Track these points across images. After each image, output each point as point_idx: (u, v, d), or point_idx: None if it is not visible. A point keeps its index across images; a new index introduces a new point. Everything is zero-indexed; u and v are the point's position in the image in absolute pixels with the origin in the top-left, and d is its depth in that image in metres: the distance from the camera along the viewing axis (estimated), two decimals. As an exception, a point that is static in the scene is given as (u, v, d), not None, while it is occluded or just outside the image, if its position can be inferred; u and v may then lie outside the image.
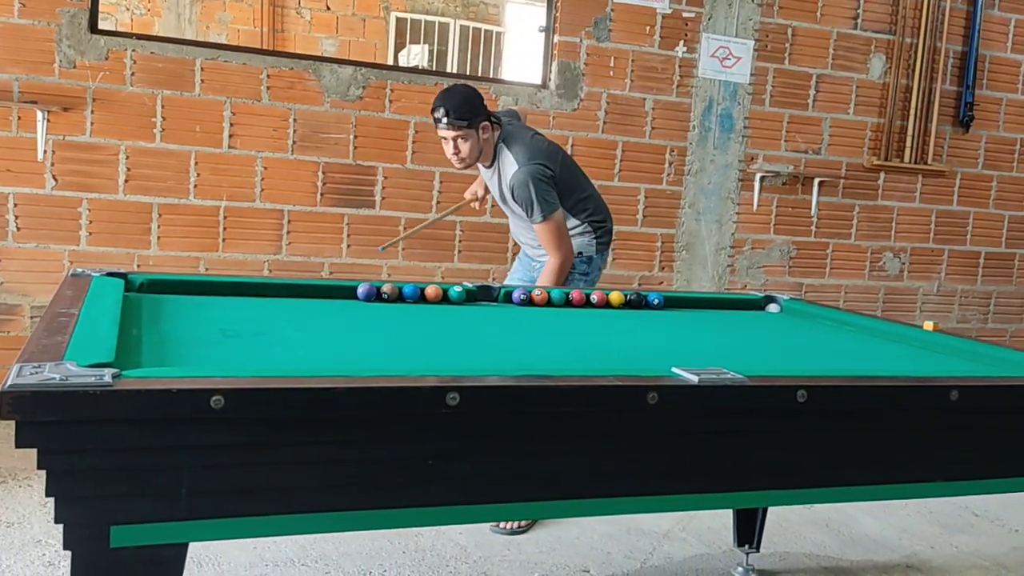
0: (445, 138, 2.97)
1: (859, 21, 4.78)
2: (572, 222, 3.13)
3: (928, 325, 2.22)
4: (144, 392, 1.13)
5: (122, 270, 2.19)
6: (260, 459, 1.22)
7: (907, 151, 4.90)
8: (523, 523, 2.90)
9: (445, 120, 2.90)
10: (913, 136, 4.90)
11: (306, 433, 1.23)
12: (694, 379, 1.42)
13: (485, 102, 3.00)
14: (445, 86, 4.20)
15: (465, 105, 2.92)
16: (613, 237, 3.30)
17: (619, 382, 1.37)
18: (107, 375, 1.14)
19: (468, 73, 5.92)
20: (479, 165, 3.11)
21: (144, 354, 1.45)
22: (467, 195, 3.50)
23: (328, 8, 6.10)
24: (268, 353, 1.59)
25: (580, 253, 3.14)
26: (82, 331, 1.43)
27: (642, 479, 1.46)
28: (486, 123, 2.97)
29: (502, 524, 2.87)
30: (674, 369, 1.47)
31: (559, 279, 3.02)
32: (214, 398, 1.13)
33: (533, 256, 3.28)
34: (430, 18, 6.24)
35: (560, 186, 3.04)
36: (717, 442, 1.49)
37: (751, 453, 1.52)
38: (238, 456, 1.21)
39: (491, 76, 5.97)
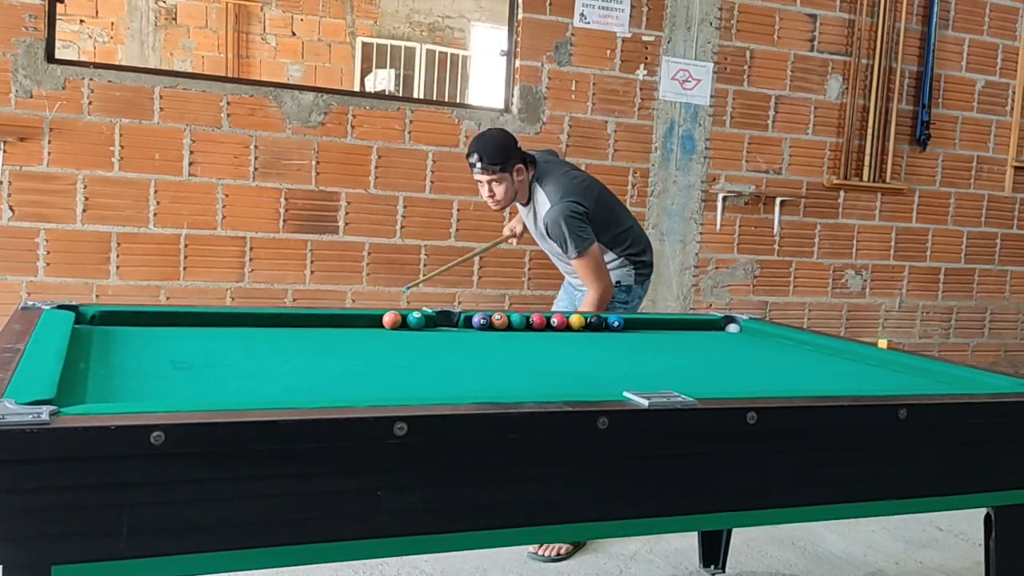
0: (480, 181, 3.03)
1: (815, 43, 4.85)
2: (609, 255, 3.15)
3: (882, 343, 2.25)
4: (82, 430, 1.11)
5: (73, 302, 2.16)
6: (204, 495, 1.20)
7: (866, 170, 4.97)
8: (563, 549, 2.84)
9: (479, 165, 2.97)
10: (871, 155, 4.97)
11: (251, 467, 1.21)
12: (644, 403, 1.42)
13: (519, 144, 3.05)
14: (408, 109, 4.24)
15: (498, 150, 2.97)
16: (653, 268, 3.33)
17: (569, 408, 1.37)
18: (44, 413, 1.12)
19: (435, 97, 5.95)
20: (517, 204, 3.14)
21: (89, 389, 1.42)
22: (505, 231, 3.54)
23: (294, 34, 6.10)
24: (218, 386, 1.57)
25: (619, 283, 3.17)
26: (25, 367, 1.41)
27: (599, 504, 1.45)
28: (520, 165, 3.02)
29: (541, 551, 2.83)
30: (626, 393, 1.47)
31: (599, 311, 3.03)
32: (154, 434, 1.12)
33: (576, 285, 3.32)
34: (396, 43, 6.25)
35: (596, 221, 3.07)
36: (672, 465, 1.49)
37: (707, 475, 1.52)
38: (181, 492, 1.18)
39: (457, 100, 5.99)
